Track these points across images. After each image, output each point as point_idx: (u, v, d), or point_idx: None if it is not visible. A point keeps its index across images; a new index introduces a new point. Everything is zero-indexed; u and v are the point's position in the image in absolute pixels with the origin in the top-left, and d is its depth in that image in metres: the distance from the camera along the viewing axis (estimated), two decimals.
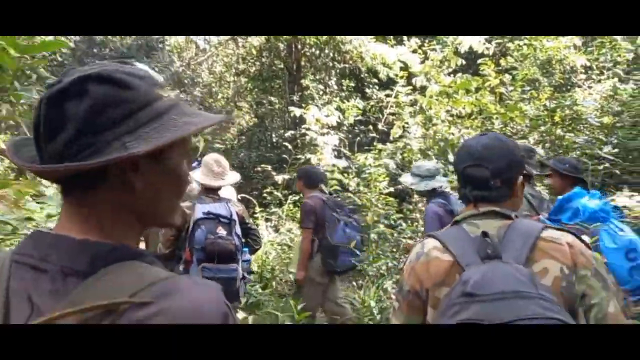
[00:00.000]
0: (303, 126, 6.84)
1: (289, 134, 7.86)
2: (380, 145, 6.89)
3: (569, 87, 7.48)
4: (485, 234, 1.19)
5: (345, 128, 7.73)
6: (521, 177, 1.32)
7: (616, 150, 5.51)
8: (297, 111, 6.82)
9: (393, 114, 7.50)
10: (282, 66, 9.74)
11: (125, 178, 0.69)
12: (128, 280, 0.64)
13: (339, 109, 7.04)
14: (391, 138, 6.90)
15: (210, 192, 3.19)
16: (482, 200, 1.29)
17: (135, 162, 0.68)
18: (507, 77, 7.11)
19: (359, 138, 7.95)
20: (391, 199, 5.68)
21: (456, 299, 1.10)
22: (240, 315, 3.78)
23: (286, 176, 6.96)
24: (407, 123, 6.83)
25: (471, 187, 1.31)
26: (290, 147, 6.91)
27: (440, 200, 3.40)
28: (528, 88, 7.18)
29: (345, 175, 6.51)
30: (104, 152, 0.64)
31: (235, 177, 3.30)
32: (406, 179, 3.70)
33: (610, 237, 2.30)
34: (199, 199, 3.15)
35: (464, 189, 1.33)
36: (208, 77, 11.40)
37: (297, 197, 6.48)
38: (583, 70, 7.73)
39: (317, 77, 9.24)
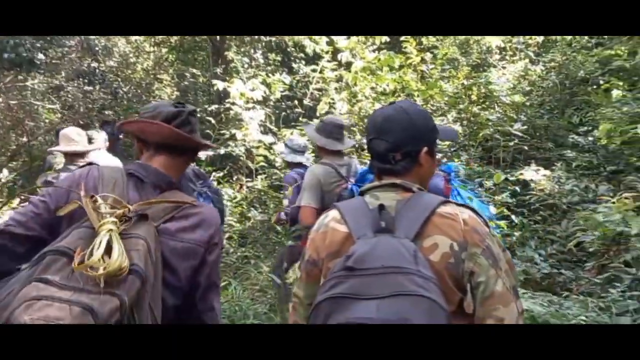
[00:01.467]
0: (227, 100, 6.63)
1: (212, 108, 7.60)
2: (306, 121, 6.86)
3: (485, 67, 7.84)
4: (381, 207, 1.18)
5: (271, 103, 7.61)
6: (426, 148, 1.28)
7: (525, 127, 5.88)
8: (220, 85, 6.59)
9: (319, 90, 7.48)
10: (205, 37, 9.34)
11: (195, 155, 1.56)
12: (185, 197, 1.40)
13: (264, 83, 6.89)
14: (317, 114, 6.89)
15: (75, 158, 3.49)
16: (384, 172, 1.28)
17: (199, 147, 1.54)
18: (428, 56, 7.32)
19: (285, 113, 7.87)
20: None
21: (337, 272, 1.10)
22: None
23: (210, 152, 6.76)
24: (332, 99, 6.84)
25: (374, 159, 1.30)
26: (214, 122, 6.69)
27: (300, 170, 3.66)
28: (447, 67, 7.44)
29: (271, 151, 6.43)
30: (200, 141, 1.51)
31: (97, 144, 3.75)
32: (280, 148, 3.95)
33: None
34: (64, 168, 3.41)
35: (371, 161, 1.33)
36: (125, 46, 10.68)
37: (221, 174, 6.32)
38: (498, 51, 8.13)
39: (242, 49, 8.97)
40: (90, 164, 1.46)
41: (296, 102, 7.86)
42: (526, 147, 5.85)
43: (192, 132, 1.45)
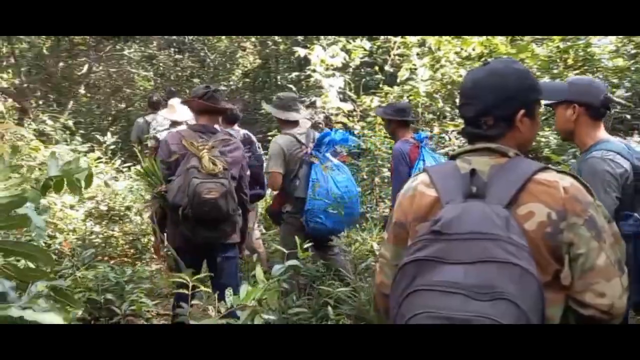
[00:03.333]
0: (308, 67, 6.68)
1: (293, 75, 7.69)
2: (386, 88, 6.74)
3: None
4: (473, 172, 1.14)
5: (351, 70, 7.55)
6: (523, 111, 1.20)
7: (629, 94, 5.36)
8: (301, 51, 6.63)
9: (400, 56, 7.28)
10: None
11: (221, 115, 3.33)
12: (224, 135, 2.94)
13: (344, 49, 6.83)
14: (398, 81, 6.74)
15: (177, 124, 4.45)
16: (477, 138, 1.23)
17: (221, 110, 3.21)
18: None
19: (364, 80, 7.78)
20: None
21: (424, 235, 1.09)
22: None
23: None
24: (414, 65, 6.64)
25: (466, 125, 1.25)
26: (294, 89, 6.78)
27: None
28: None
29: (350, 118, 6.42)
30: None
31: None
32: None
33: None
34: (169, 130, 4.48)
35: (464, 127, 1.28)
36: None
37: None
38: None
39: None
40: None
41: (376, 68, 7.72)
42: (629, 117, 5.36)
43: (215, 102, 2.85)
